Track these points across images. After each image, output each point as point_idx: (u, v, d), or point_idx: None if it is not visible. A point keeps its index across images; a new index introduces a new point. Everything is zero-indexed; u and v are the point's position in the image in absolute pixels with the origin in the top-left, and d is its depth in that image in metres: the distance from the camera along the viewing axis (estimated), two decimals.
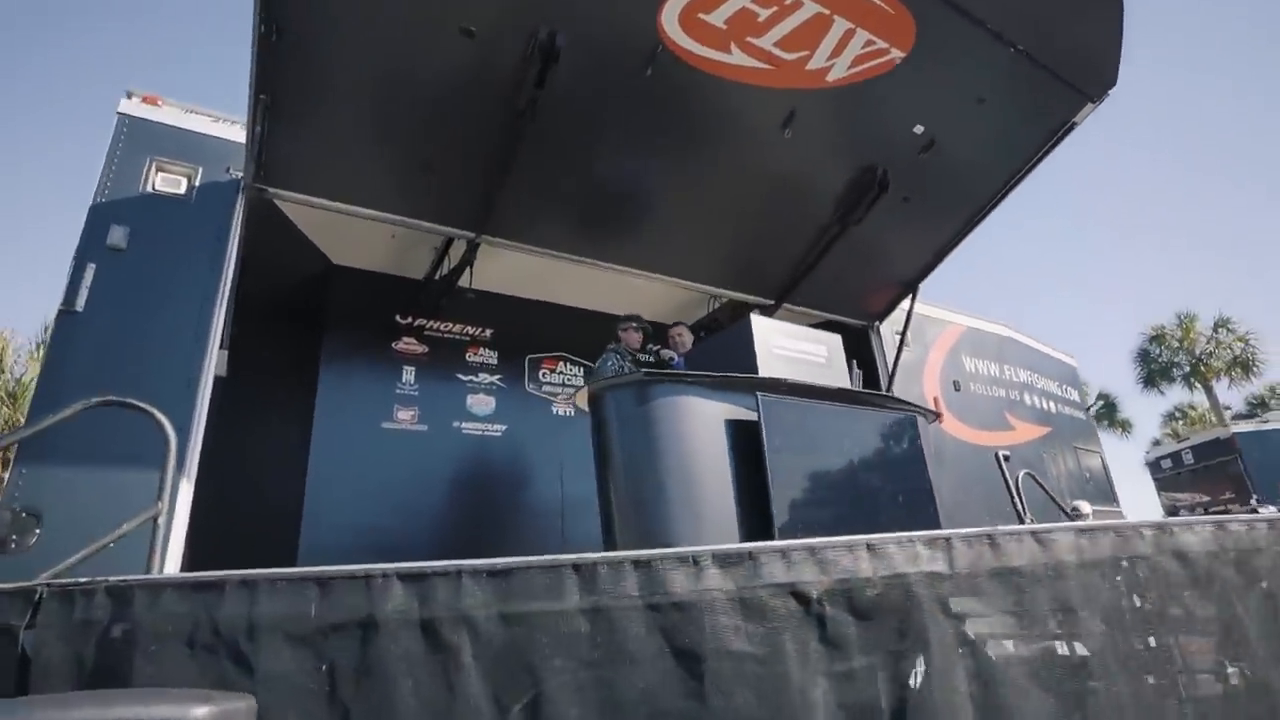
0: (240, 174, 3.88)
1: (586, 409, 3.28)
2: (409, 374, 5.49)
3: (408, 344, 5.57)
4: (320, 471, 4.86)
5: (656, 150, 4.55)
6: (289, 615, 1.41)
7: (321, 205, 4.18)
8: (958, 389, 6.92)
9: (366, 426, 5.18)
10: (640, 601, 1.28)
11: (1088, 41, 4.46)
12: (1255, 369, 22.11)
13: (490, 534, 5.40)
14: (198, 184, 3.86)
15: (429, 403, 5.48)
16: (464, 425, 5.61)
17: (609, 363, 4.42)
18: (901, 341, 6.10)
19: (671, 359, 4.38)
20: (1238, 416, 20.87)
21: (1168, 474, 13.06)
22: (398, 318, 5.59)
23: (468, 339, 5.90)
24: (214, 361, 3.62)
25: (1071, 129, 4.98)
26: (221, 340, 3.67)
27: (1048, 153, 5.15)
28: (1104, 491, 8.47)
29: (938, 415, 3.79)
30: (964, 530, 1.49)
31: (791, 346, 3.35)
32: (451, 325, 5.84)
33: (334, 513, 4.81)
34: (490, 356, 5.94)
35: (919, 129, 4.70)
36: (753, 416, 2.92)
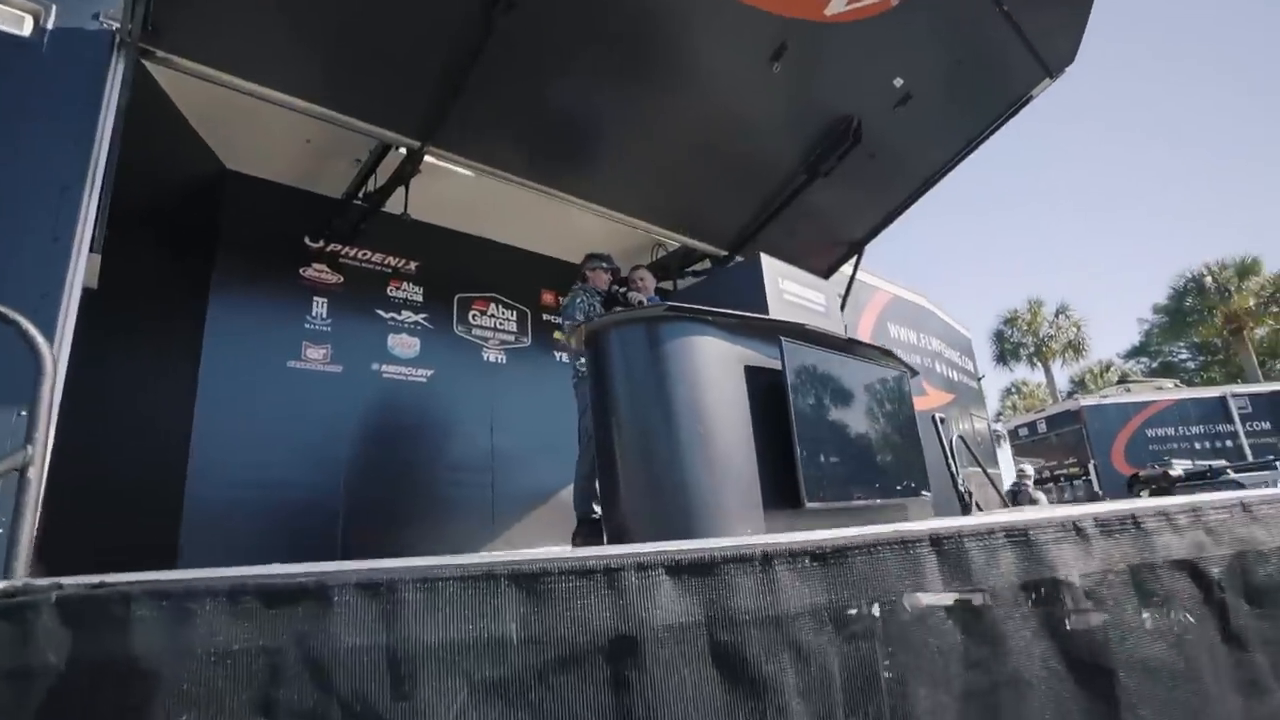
0: (115, 23, 2.98)
1: (576, 347, 2.86)
2: (320, 306, 4.71)
3: (319, 272, 4.77)
4: (210, 415, 4.05)
5: (630, 75, 4.10)
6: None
7: (227, 83, 3.34)
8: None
9: (268, 364, 4.39)
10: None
11: (1059, 16, 4.52)
12: (1084, 351, 25.38)
13: (411, 490, 4.84)
14: (49, 26, 2.91)
15: (344, 341, 4.75)
16: (384, 368, 4.94)
17: (578, 301, 3.98)
18: (844, 303, 6.11)
19: (641, 302, 4.02)
20: (1070, 394, 23.96)
21: (1024, 440, 14.67)
22: (308, 240, 4.75)
23: (390, 271, 5.16)
24: (81, 268, 2.79)
25: (1028, 102, 5.09)
26: (92, 243, 2.84)
27: (1001, 124, 5.25)
28: (989, 454, 9.20)
29: (915, 373, 3.74)
30: None
31: (795, 291, 3.11)
32: (372, 254, 5.07)
33: (226, 464, 4.05)
34: (415, 292, 5.25)
35: (899, 82, 4.58)
36: (771, 362, 2.66)
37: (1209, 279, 24.72)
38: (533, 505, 5.39)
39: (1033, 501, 9.02)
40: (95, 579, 0.99)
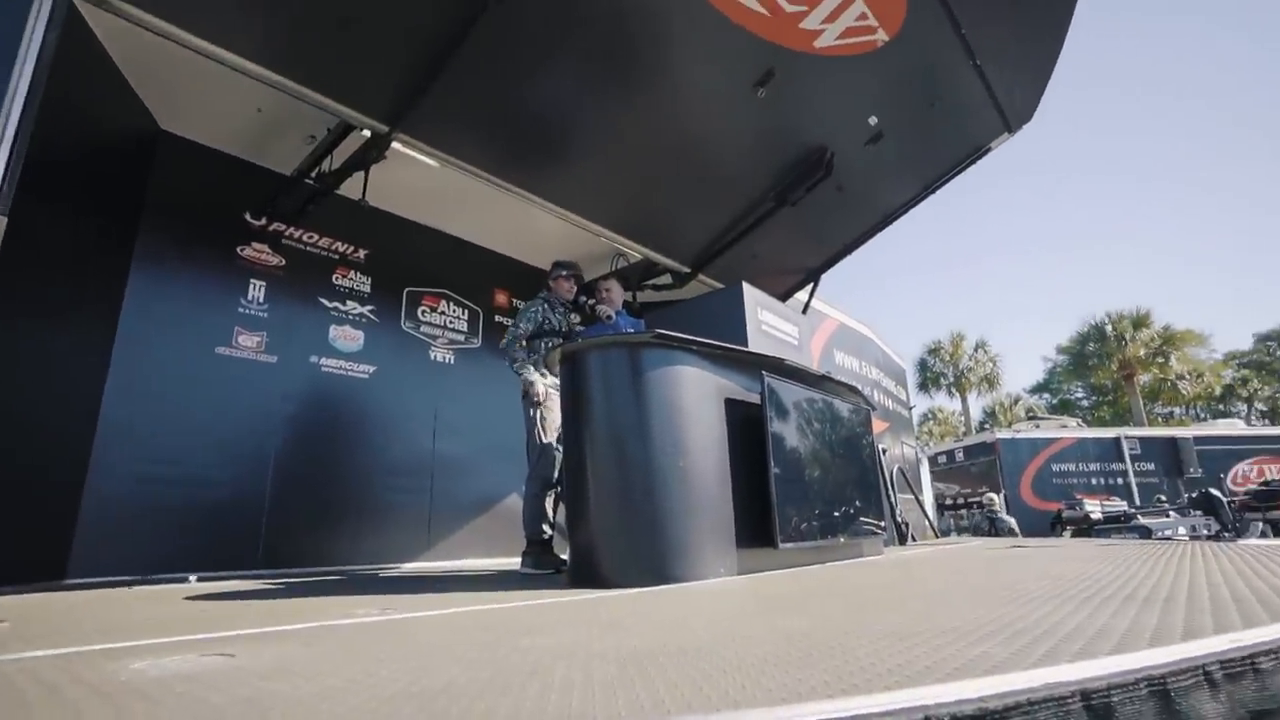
0: None
1: (551, 367, 2.71)
2: (257, 290, 4.34)
3: (258, 252, 4.39)
4: (121, 400, 3.64)
5: (612, 79, 3.98)
6: None
7: (176, 37, 3.00)
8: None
9: (193, 349, 4.00)
10: None
11: (1023, 76, 4.72)
12: (998, 384, 27.03)
13: (343, 494, 4.52)
14: None
15: (281, 329, 4.39)
16: (323, 361, 4.60)
17: (532, 309, 3.82)
18: None
19: (609, 316, 3.89)
20: (983, 424, 25.52)
21: (942, 468, 15.43)
22: (248, 217, 4.37)
23: (336, 257, 4.82)
24: None
25: (986, 153, 5.31)
26: (0, 203, 2.47)
27: (960, 171, 5.46)
28: (915, 479, 9.57)
29: (874, 408, 3.79)
30: None
31: (772, 323, 3.08)
32: (319, 237, 4.73)
33: (138, 456, 3.65)
34: (362, 282, 4.93)
35: (873, 120, 4.66)
36: (750, 395, 2.61)
37: (1109, 327, 26.85)
38: (473, 515, 5.16)
39: (1012, 531, 9.51)
40: None
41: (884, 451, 5.13)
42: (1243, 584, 1.66)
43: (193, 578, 3.39)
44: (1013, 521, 10.28)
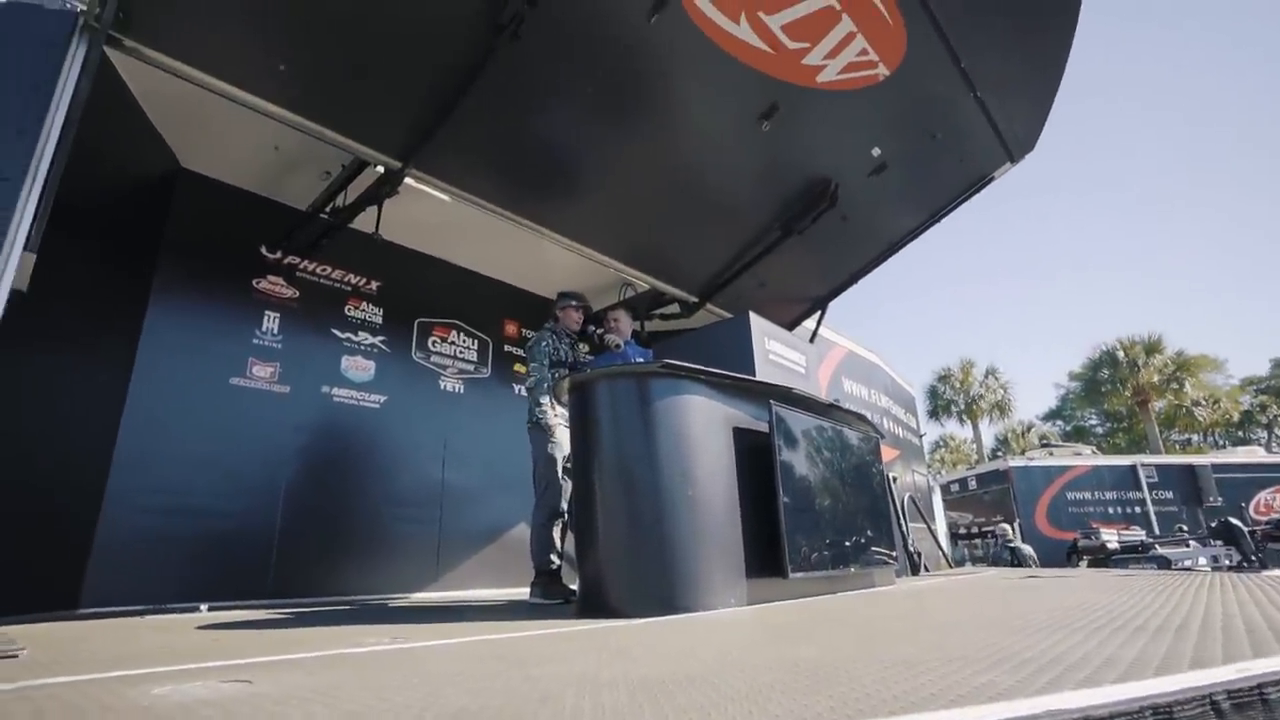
0: (80, 4, 2.75)
1: (562, 398, 2.74)
2: (272, 321, 4.42)
3: (273, 284, 4.49)
4: (137, 432, 3.70)
5: (620, 114, 4.09)
6: None
7: (199, 81, 3.13)
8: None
9: (209, 380, 4.07)
10: None
11: (1024, 106, 4.81)
12: (1009, 411, 26.79)
13: (353, 524, 4.54)
14: None
15: (294, 360, 4.46)
16: (335, 391, 4.66)
17: (544, 344, 3.86)
18: None
19: (617, 345, 3.94)
20: (995, 451, 25.28)
21: (955, 496, 15.22)
22: (264, 250, 4.48)
23: (349, 289, 4.92)
24: (13, 269, 2.51)
25: (989, 182, 5.38)
26: (28, 241, 2.56)
27: (964, 200, 5.52)
28: (927, 508, 9.45)
29: (883, 436, 3.79)
30: None
31: (779, 352, 3.11)
32: (332, 270, 4.83)
33: (151, 487, 3.70)
34: (374, 313, 5.02)
35: (876, 151, 4.75)
36: (758, 424, 2.62)
37: (1121, 353, 26.66)
38: (481, 545, 5.15)
39: (1031, 560, 9.41)
40: None
41: (894, 480, 5.10)
42: (1257, 613, 1.64)
43: (204, 607, 3.40)
44: (1030, 550, 10.14)
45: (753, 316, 3.03)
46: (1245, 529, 7.12)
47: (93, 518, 3.47)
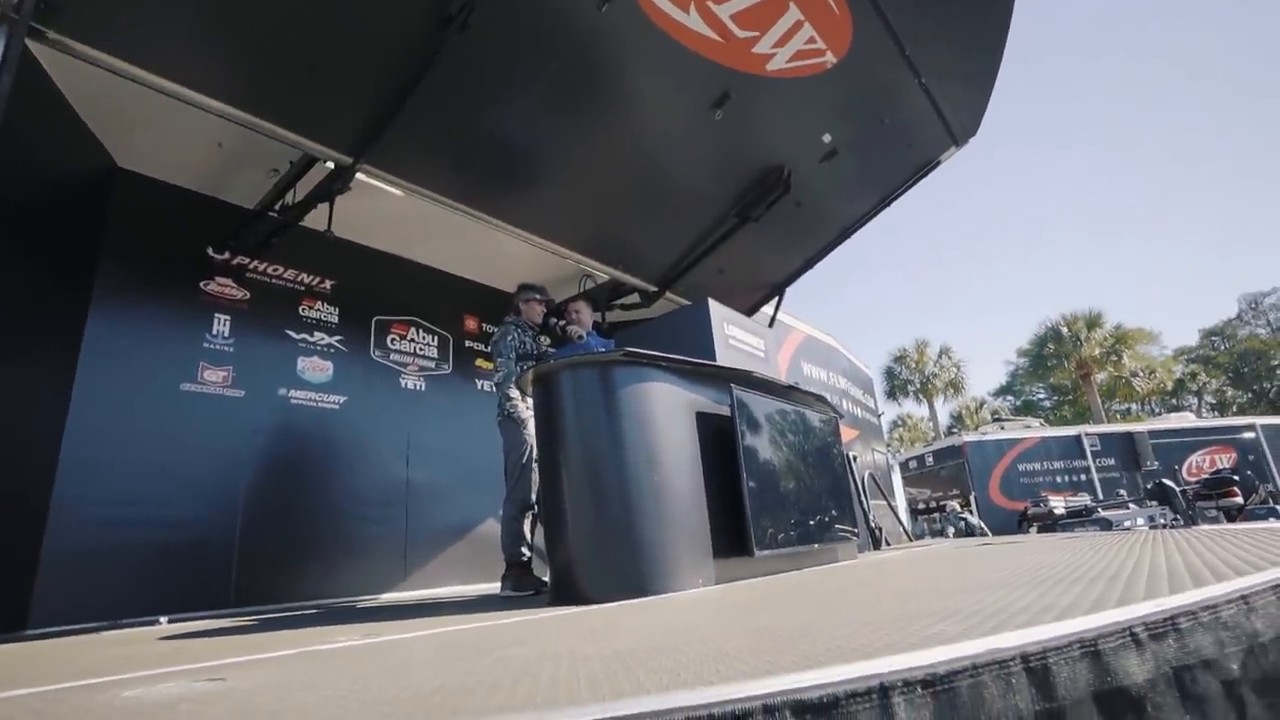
0: None
1: (526, 390, 2.76)
2: (222, 324, 4.29)
3: (222, 286, 4.36)
4: (83, 440, 3.56)
5: (574, 105, 4.09)
6: None
7: (131, 75, 3.01)
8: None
9: (158, 386, 3.93)
10: None
11: (968, 92, 4.98)
12: (963, 389, 27.74)
13: (316, 528, 4.46)
14: None
15: (248, 363, 4.34)
16: (293, 393, 4.56)
17: (509, 338, 3.85)
18: None
19: (580, 336, 3.96)
20: (950, 428, 26.16)
21: (913, 472, 15.73)
22: (211, 251, 4.34)
23: (302, 289, 4.80)
24: None
25: (936, 166, 5.56)
26: None
27: (913, 184, 5.69)
28: (887, 485, 9.75)
29: (841, 416, 3.91)
30: None
31: (739, 336, 3.18)
32: (283, 270, 4.70)
33: (101, 498, 3.57)
34: (329, 313, 4.91)
35: (827, 138, 4.86)
36: (720, 409, 2.69)
37: (1064, 329, 27.85)
38: (450, 542, 5.12)
39: (982, 531, 9.79)
40: None
41: (854, 458, 5.25)
42: (1181, 561, 1.78)
43: (163, 619, 3.31)
44: (979, 521, 10.60)
45: (712, 303, 3.08)
46: (1178, 490, 7.57)
47: (39, 533, 3.33)
